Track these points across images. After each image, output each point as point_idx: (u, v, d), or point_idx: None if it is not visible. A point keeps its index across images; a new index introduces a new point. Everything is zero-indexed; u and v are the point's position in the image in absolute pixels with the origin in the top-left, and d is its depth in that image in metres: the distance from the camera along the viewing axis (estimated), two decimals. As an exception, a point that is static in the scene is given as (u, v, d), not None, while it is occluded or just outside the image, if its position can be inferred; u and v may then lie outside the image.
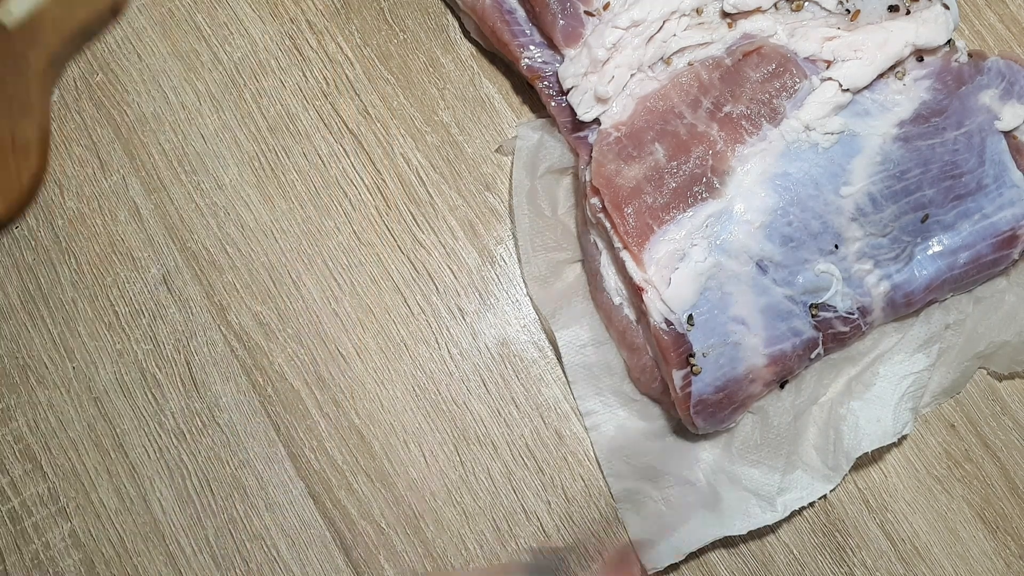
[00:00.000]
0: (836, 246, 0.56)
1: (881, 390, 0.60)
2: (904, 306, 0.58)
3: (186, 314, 0.60)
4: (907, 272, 0.57)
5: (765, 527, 0.59)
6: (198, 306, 0.60)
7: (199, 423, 0.59)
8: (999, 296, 0.61)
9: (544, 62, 0.59)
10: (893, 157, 0.57)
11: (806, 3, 0.59)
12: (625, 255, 0.55)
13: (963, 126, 0.58)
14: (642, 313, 0.56)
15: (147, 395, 0.60)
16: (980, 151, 0.58)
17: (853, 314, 0.57)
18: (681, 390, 0.55)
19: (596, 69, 0.57)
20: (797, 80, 0.57)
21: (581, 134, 0.59)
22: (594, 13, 0.57)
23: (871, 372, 0.60)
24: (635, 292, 0.55)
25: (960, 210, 0.58)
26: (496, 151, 0.63)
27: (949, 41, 0.58)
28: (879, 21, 0.58)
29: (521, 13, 0.60)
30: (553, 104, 0.59)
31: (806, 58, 0.57)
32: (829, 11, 0.58)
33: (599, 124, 0.58)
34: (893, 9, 0.58)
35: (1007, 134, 0.59)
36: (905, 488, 0.61)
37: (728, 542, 0.60)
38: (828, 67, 0.57)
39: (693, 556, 0.59)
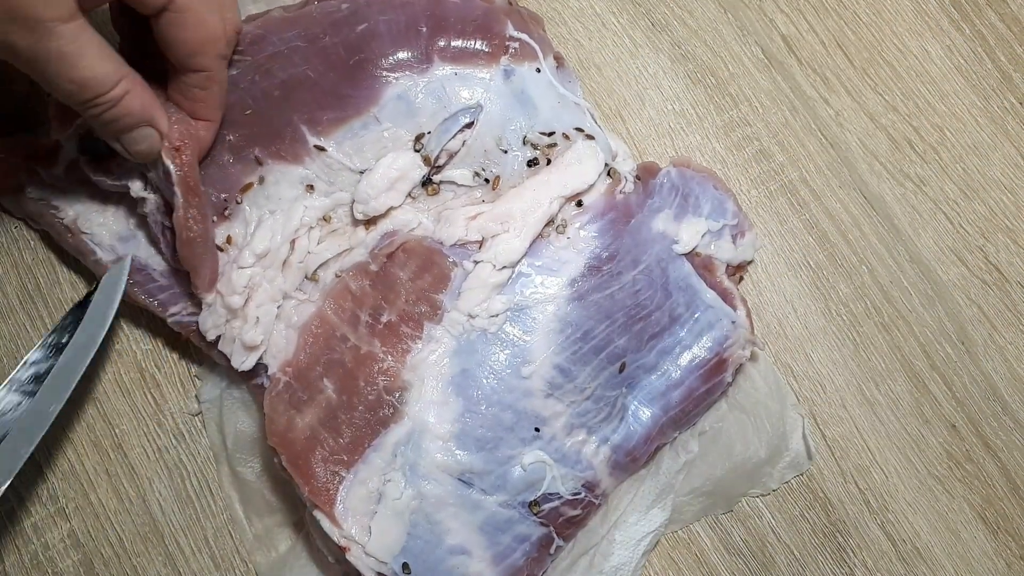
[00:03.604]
0: (537, 429, 0.53)
1: (620, 558, 0.56)
2: (631, 463, 0.55)
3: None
4: (623, 429, 0.54)
5: (765, 526, 0.59)
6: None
7: (198, 423, 0.59)
8: (718, 427, 0.59)
9: (191, 314, 0.55)
10: (572, 320, 0.53)
11: (441, 185, 0.55)
12: (318, 514, 0.51)
13: (640, 263, 0.55)
14: (355, 571, 0.51)
15: (147, 395, 0.60)
16: (664, 283, 0.55)
17: (579, 493, 0.53)
18: None
19: (238, 315, 0.53)
20: (447, 270, 0.53)
21: (256, 381, 0.54)
22: (222, 248, 0.54)
23: (608, 541, 0.57)
24: (339, 551, 0.51)
25: (659, 348, 0.55)
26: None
27: (609, 170, 0.56)
28: (522, 181, 0.55)
29: (155, 266, 0.55)
30: (216, 355, 0.55)
31: (455, 244, 0.54)
32: (469, 186, 0.55)
33: (267, 369, 0.53)
34: (533, 164, 0.55)
35: (690, 254, 0.56)
36: (906, 488, 0.61)
37: (728, 543, 0.59)
38: (480, 247, 0.53)
39: (693, 556, 0.59)
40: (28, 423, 0.52)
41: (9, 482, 0.51)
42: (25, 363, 0.53)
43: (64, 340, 0.54)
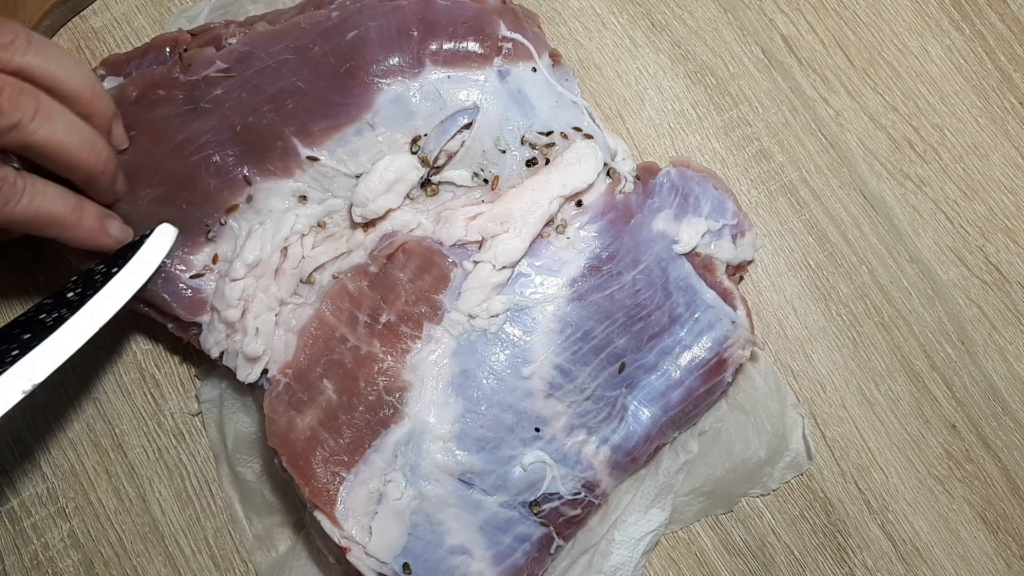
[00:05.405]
0: (537, 430, 0.53)
1: (619, 558, 0.57)
2: (630, 463, 0.55)
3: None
4: (623, 429, 0.54)
5: (765, 526, 0.59)
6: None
7: (198, 423, 0.59)
8: (718, 427, 0.59)
9: (191, 322, 0.55)
10: (572, 320, 0.53)
11: (440, 186, 0.55)
12: (318, 514, 0.51)
13: (640, 263, 0.55)
14: (356, 572, 0.51)
15: (146, 395, 0.60)
16: (664, 283, 0.55)
17: (579, 493, 0.54)
18: None
19: (237, 328, 0.53)
20: (447, 270, 0.53)
21: (257, 382, 0.54)
22: (203, 272, 0.54)
23: (607, 540, 0.57)
24: (339, 552, 0.51)
25: (659, 348, 0.55)
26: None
27: (608, 170, 0.55)
28: (521, 181, 0.55)
29: None
30: (220, 365, 0.55)
31: (455, 244, 0.53)
32: (468, 186, 0.55)
33: (267, 371, 0.54)
34: (532, 163, 0.55)
35: (690, 254, 0.56)
36: (906, 488, 0.61)
37: (728, 543, 0.59)
38: (480, 247, 0.53)
39: (693, 556, 0.59)
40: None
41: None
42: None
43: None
